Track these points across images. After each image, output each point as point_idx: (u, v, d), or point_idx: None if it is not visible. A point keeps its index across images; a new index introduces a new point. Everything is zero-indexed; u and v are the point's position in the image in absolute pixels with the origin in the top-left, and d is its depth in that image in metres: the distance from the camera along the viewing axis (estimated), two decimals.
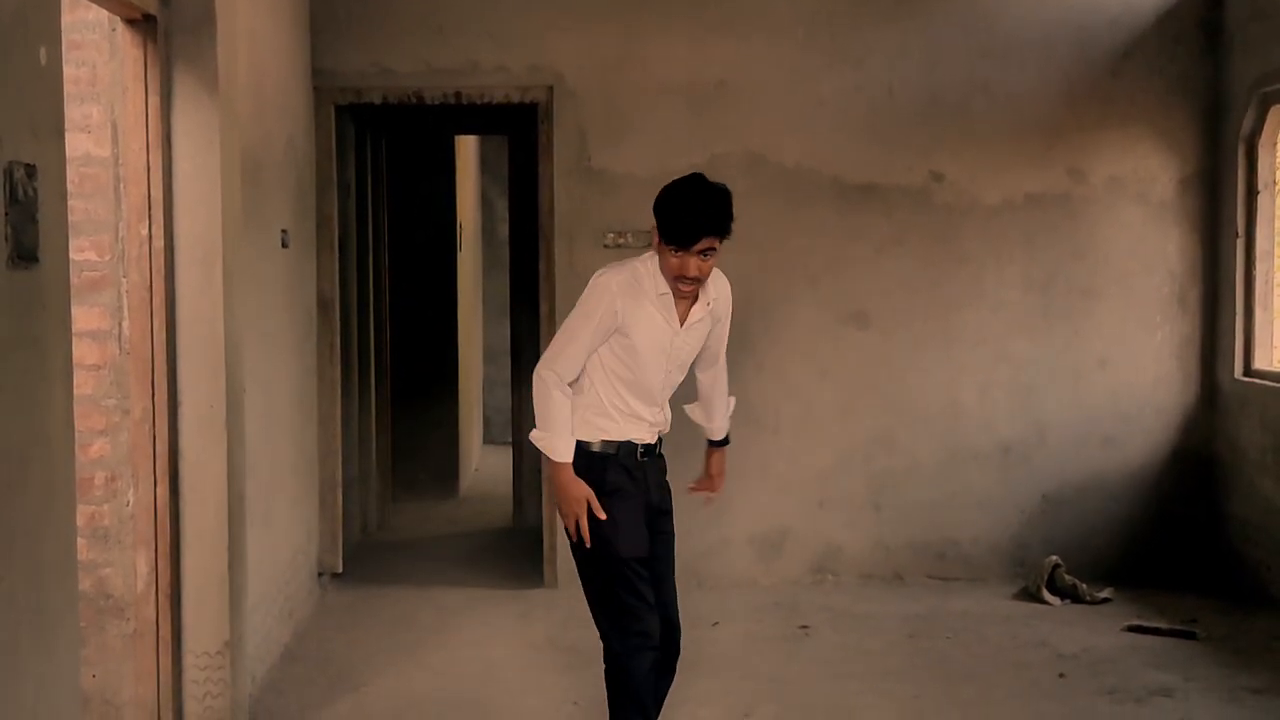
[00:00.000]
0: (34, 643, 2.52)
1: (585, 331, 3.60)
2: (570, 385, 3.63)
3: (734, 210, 3.51)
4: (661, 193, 3.56)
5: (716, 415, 3.98)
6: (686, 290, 3.57)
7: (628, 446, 3.67)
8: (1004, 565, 6.21)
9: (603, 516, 3.58)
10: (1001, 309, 6.19)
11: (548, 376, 3.60)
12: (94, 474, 3.88)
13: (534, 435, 3.66)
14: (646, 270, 3.62)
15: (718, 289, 3.73)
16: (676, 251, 3.50)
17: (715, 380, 3.94)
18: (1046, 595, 5.82)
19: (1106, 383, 6.22)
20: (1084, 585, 5.84)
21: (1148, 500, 6.23)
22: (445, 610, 5.78)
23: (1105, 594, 5.85)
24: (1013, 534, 6.23)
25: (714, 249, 3.51)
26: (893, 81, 6.12)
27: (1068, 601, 5.80)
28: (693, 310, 3.66)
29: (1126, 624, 5.46)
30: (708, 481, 4.04)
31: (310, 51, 5.91)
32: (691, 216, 3.46)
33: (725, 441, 4.03)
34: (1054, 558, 5.91)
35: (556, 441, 3.60)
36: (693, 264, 3.50)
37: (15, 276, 2.43)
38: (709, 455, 4.04)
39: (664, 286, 3.59)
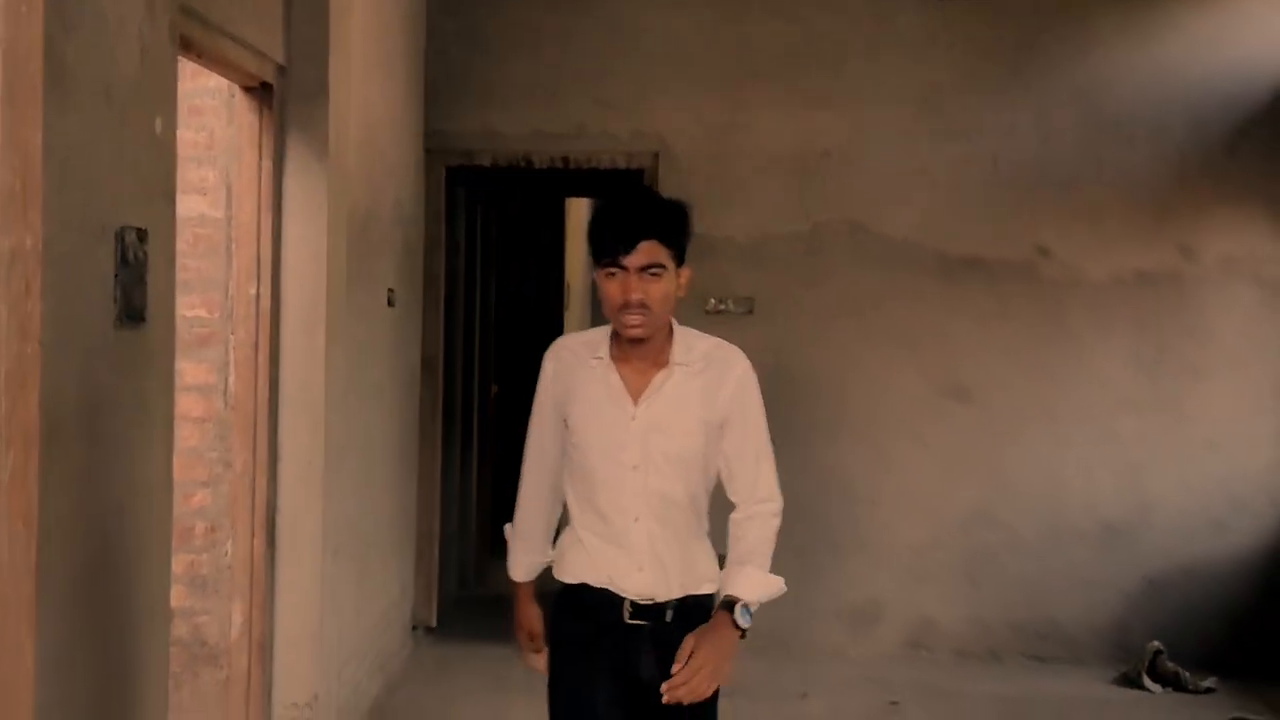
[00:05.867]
0: (123, 691, 2.60)
1: (534, 422, 2.86)
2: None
3: (693, 227, 2.65)
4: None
5: (732, 560, 2.67)
6: (633, 325, 2.55)
7: (600, 595, 2.67)
8: (1104, 648, 6.05)
9: (537, 669, 2.89)
10: (1107, 386, 6.09)
11: (524, 472, 2.95)
12: (195, 524, 3.98)
13: (507, 530, 3.00)
14: (602, 334, 2.72)
15: (715, 358, 2.67)
16: (610, 269, 2.55)
17: (744, 513, 2.70)
18: (1147, 682, 5.66)
19: (1216, 465, 6.06)
20: (1187, 673, 5.66)
21: (1257, 589, 6.03)
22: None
23: (1209, 683, 5.66)
24: (1114, 616, 6.08)
25: (662, 266, 2.54)
26: (1000, 154, 6.09)
27: (1169, 689, 5.63)
28: (655, 379, 2.63)
29: (1231, 716, 5.28)
30: (683, 664, 2.52)
31: (423, 115, 6.06)
32: (625, 213, 2.59)
33: (732, 607, 2.57)
34: (1156, 643, 5.74)
35: (510, 554, 2.95)
36: (634, 284, 2.53)
37: (123, 335, 2.52)
38: (712, 621, 2.60)
39: (603, 349, 2.68)
